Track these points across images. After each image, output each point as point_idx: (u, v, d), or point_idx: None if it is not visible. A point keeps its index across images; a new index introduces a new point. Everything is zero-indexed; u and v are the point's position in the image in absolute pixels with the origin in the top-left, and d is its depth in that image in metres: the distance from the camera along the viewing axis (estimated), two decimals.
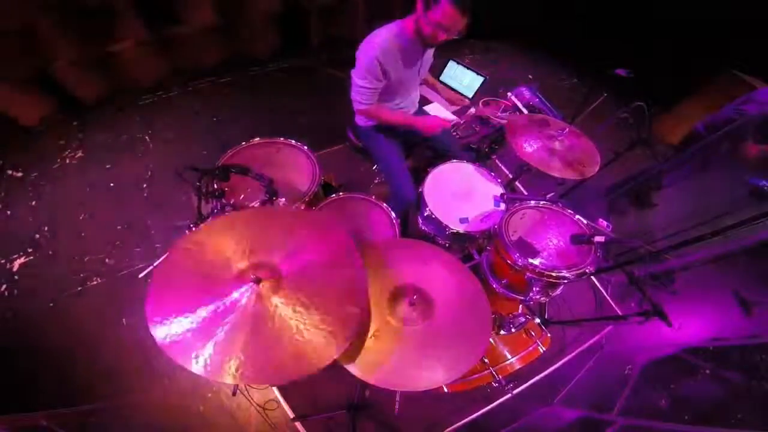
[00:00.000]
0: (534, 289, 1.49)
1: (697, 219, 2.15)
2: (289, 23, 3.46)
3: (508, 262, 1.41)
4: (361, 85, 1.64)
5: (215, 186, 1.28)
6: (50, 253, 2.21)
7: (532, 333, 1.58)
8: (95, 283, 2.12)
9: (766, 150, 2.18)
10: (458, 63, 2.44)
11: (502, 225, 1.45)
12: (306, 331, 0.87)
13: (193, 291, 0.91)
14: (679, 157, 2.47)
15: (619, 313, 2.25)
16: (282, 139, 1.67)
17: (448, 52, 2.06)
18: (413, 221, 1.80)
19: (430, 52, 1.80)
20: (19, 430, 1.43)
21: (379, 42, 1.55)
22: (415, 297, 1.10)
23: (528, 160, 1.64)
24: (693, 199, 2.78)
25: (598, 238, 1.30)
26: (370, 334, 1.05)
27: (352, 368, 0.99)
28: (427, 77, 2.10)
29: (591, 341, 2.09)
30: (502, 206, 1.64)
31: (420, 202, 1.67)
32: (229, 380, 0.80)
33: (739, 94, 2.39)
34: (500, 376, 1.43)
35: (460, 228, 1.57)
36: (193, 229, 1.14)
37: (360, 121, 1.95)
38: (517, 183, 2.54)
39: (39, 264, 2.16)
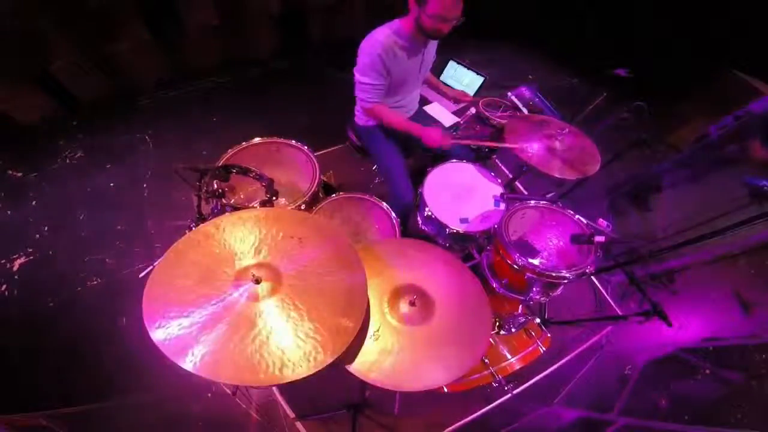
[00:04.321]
0: (534, 289, 1.49)
1: (697, 219, 2.15)
2: (289, 23, 3.46)
3: (508, 262, 1.40)
4: (365, 82, 1.65)
5: (215, 186, 1.28)
6: (50, 253, 2.21)
7: (532, 333, 1.57)
8: (95, 283, 2.12)
9: None
10: (458, 63, 2.45)
11: (502, 225, 1.45)
12: (296, 338, 0.87)
13: (192, 290, 0.91)
14: (680, 158, 2.47)
15: (619, 313, 2.25)
16: (282, 139, 1.67)
17: (448, 52, 2.05)
18: (413, 221, 1.80)
19: (432, 50, 1.80)
20: (19, 430, 1.43)
21: (380, 39, 1.55)
22: (415, 297, 1.10)
23: (528, 160, 1.64)
24: (693, 200, 2.78)
25: (598, 238, 1.30)
26: (370, 334, 1.05)
27: (352, 368, 0.99)
28: (431, 78, 2.09)
29: (591, 341, 2.09)
30: (502, 206, 1.63)
31: (420, 202, 1.68)
32: (223, 379, 0.80)
33: (739, 94, 2.38)
34: (500, 376, 1.43)
35: (460, 228, 1.57)
36: (194, 229, 1.14)
37: (360, 120, 1.95)
38: (517, 183, 2.54)
39: (39, 264, 2.16)
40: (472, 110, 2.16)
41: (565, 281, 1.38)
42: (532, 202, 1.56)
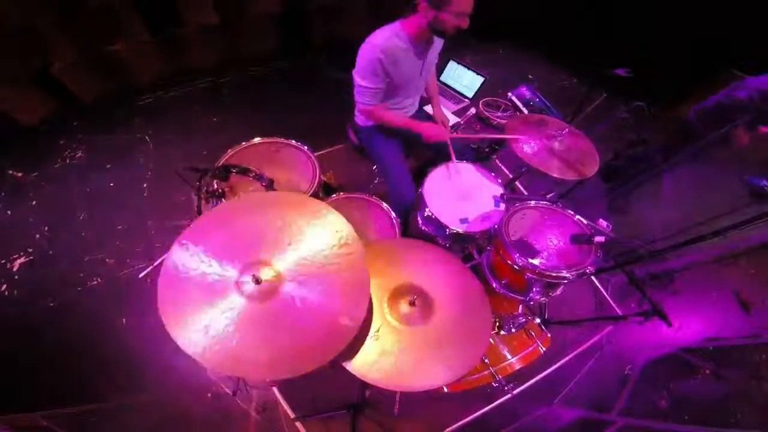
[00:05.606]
0: (534, 289, 1.49)
1: (697, 219, 2.14)
2: (289, 23, 3.46)
3: (508, 262, 1.40)
4: (363, 85, 1.64)
5: (215, 186, 1.28)
6: (50, 253, 2.21)
7: (532, 333, 1.57)
8: (95, 283, 2.12)
9: (756, 136, 2.16)
10: (458, 63, 2.45)
11: (502, 225, 1.45)
12: (297, 336, 0.87)
13: (192, 292, 0.91)
14: (674, 159, 2.45)
15: (619, 313, 2.25)
16: (282, 139, 1.67)
17: (448, 52, 2.05)
18: (413, 221, 1.80)
19: (435, 53, 1.78)
20: (19, 430, 1.43)
21: (380, 42, 1.54)
22: (415, 297, 1.10)
23: (527, 161, 1.64)
24: (693, 199, 2.78)
25: (598, 238, 1.30)
26: (370, 334, 1.05)
27: (352, 368, 0.99)
28: (431, 89, 2.02)
29: (591, 341, 2.09)
30: (502, 206, 1.63)
31: (420, 202, 1.67)
32: (227, 372, 0.81)
33: None
34: (500, 376, 1.43)
35: (461, 228, 1.57)
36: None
37: (360, 120, 1.95)
38: (517, 183, 2.54)
39: (39, 264, 2.16)
40: (472, 110, 2.17)
41: (565, 281, 1.38)
42: (532, 202, 1.56)
